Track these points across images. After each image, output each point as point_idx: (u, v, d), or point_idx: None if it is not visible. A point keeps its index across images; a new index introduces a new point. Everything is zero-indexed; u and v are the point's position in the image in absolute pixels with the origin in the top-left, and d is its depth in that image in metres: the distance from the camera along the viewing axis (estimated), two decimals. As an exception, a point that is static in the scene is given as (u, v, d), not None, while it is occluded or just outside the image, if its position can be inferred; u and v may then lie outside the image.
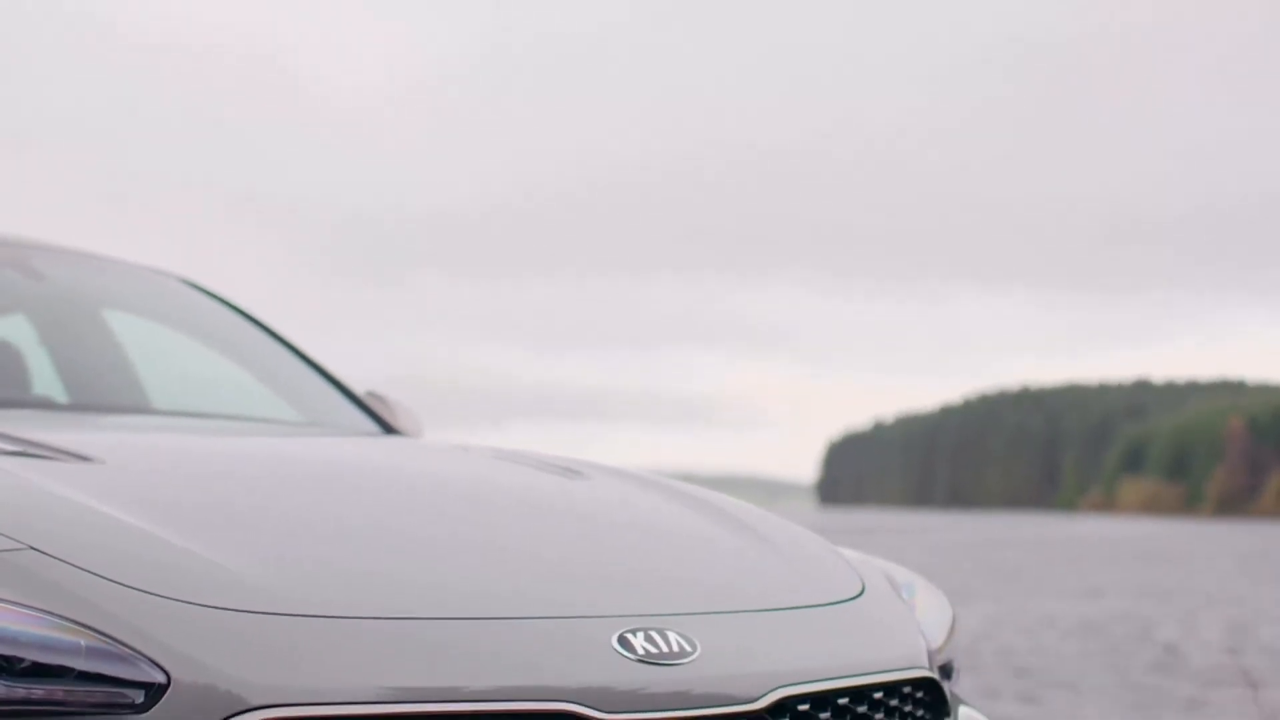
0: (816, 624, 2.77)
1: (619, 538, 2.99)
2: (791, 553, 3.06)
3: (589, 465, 3.53)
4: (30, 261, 4.38)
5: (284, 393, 4.47)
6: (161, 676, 2.10)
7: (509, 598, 2.47)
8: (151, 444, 3.39)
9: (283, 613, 2.23)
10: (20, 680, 2.06)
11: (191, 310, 4.67)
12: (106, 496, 2.51)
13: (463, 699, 2.21)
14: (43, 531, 2.28)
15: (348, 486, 3.05)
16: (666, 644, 2.44)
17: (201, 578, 2.26)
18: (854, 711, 2.65)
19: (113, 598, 2.17)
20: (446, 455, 3.68)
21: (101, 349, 4.45)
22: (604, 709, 2.29)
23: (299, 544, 2.53)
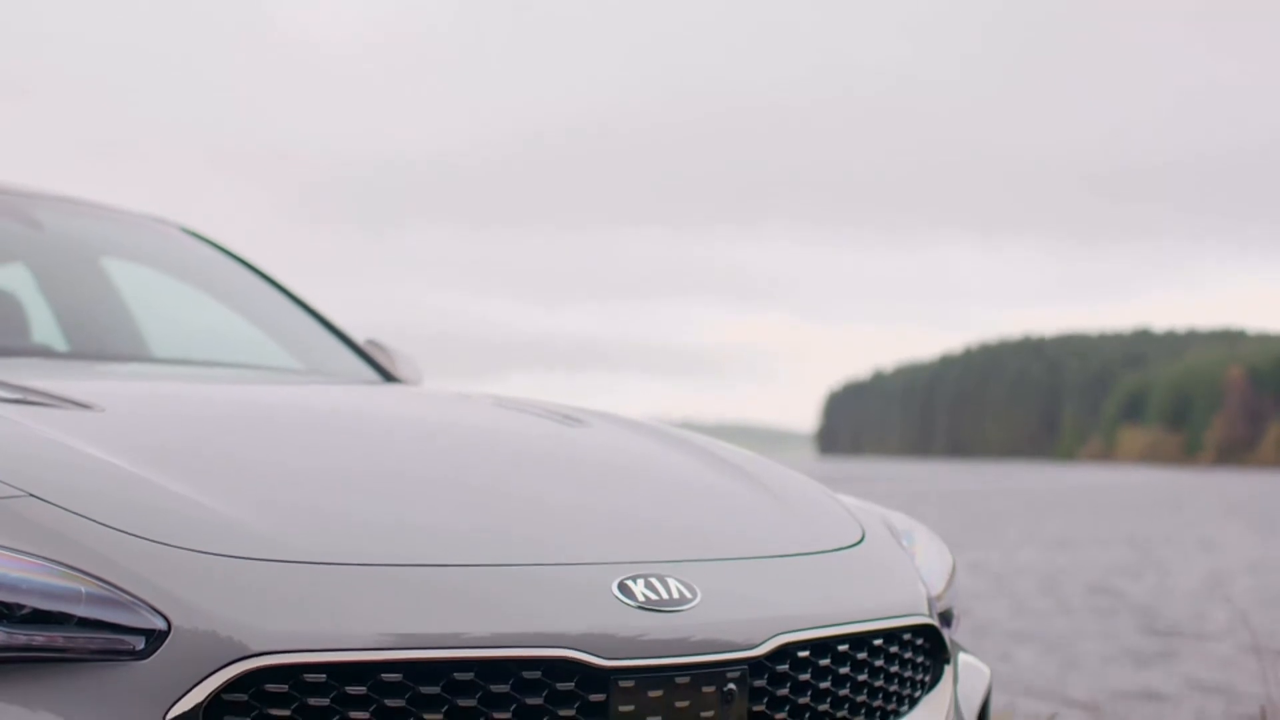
0: (816, 571, 2.77)
1: (619, 485, 2.99)
2: (791, 500, 3.06)
3: (589, 413, 3.53)
4: (29, 210, 4.37)
5: (284, 341, 4.46)
6: (162, 623, 2.10)
7: (509, 544, 2.47)
8: (151, 391, 3.39)
9: (283, 559, 2.23)
10: (20, 627, 2.06)
11: (191, 258, 4.66)
12: (106, 443, 2.51)
13: (463, 645, 2.21)
14: (42, 478, 2.28)
15: (348, 434, 3.05)
16: (667, 591, 2.44)
17: (202, 524, 2.26)
18: (854, 658, 2.65)
19: (112, 544, 2.17)
20: (447, 403, 3.68)
21: (101, 297, 4.44)
22: (604, 655, 2.30)
23: (299, 491, 2.53)
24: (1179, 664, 13.60)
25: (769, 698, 2.50)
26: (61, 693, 2.06)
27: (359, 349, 4.53)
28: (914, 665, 2.81)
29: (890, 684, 2.73)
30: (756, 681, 2.48)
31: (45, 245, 4.42)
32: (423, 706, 2.17)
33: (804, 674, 2.55)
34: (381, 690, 2.16)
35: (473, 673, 2.21)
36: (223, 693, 2.09)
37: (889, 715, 2.72)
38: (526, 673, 2.25)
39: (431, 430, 3.25)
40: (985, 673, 3.16)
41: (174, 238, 4.68)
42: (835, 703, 2.60)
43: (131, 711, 2.06)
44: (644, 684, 2.33)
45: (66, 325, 4.29)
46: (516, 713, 2.23)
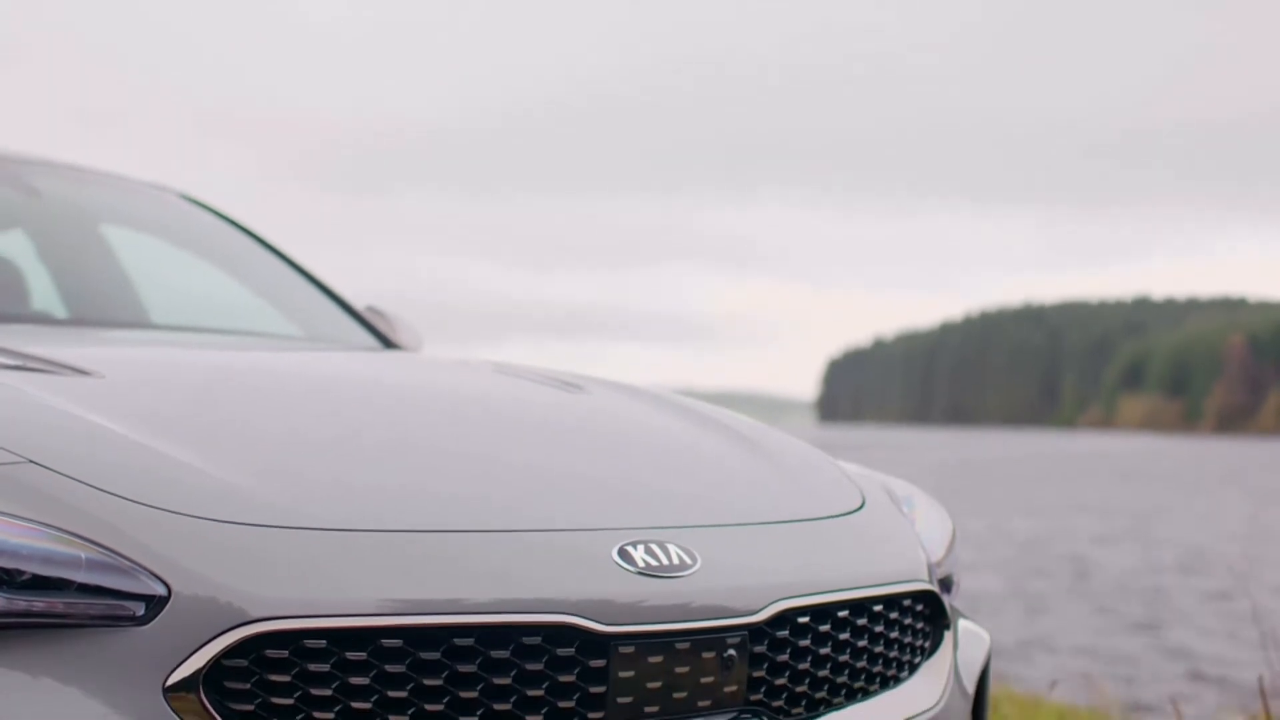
0: (817, 537, 2.77)
1: (619, 451, 2.98)
2: (792, 466, 3.05)
3: (589, 380, 3.53)
4: (28, 177, 4.36)
5: (283, 308, 4.46)
6: (162, 589, 2.10)
7: (509, 510, 2.47)
8: (151, 358, 3.39)
9: (283, 525, 2.23)
10: (20, 593, 2.06)
11: (190, 225, 4.65)
12: (106, 410, 2.50)
13: (463, 611, 2.21)
14: (42, 445, 2.28)
15: (348, 400, 3.04)
16: (666, 556, 2.44)
17: (202, 490, 2.26)
18: (854, 624, 2.66)
19: (113, 510, 2.17)
20: (447, 369, 3.68)
21: (100, 264, 4.44)
22: (604, 621, 2.30)
23: (299, 457, 2.53)
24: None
25: (769, 663, 2.50)
26: (62, 659, 2.06)
27: (359, 316, 4.53)
28: (914, 631, 2.81)
29: (890, 650, 2.73)
30: (756, 647, 2.48)
31: (44, 212, 4.42)
32: (423, 672, 2.18)
33: (804, 640, 2.56)
34: (382, 656, 2.16)
35: (473, 638, 2.21)
36: (223, 658, 2.09)
37: (889, 681, 2.72)
38: (527, 638, 2.25)
39: (432, 397, 3.25)
40: (985, 639, 3.17)
41: (173, 204, 4.67)
42: (835, 668, 2.61)
43: (132, 677, 2.06)
44: (644, 650, 2.34)
45: (66, 292, 4.29)
46: (517, 678, 2.23)
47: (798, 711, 2.54)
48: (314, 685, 2.13)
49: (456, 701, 2.19)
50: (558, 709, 2.27)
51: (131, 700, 2.05)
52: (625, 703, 2.32)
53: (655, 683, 2.35)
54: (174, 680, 2.07)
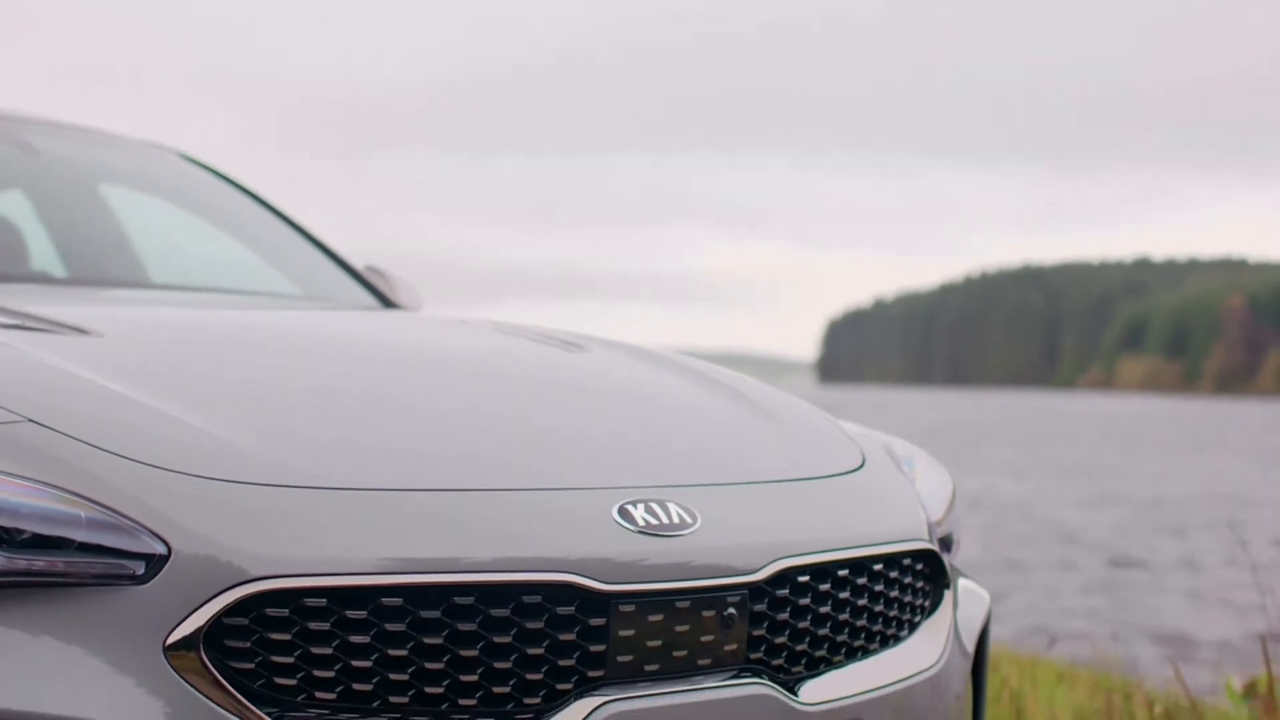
0: (817, 496, 2.77)
1: (619, 410, 2.98)
2: (792, 425, 3.05)
3: (589, 339, 3.52)
4: (26, 136, 4.35)
5: (283, 267, 4.45)
6: (162, 548, 2.10)
7: (509, 469, 2.47)
8: (150, 317, 3.38)
9: (283, 484, 2.23)
10: (20, 552, 2.06)
11: (189, 185, 4.64)
12: (105, 369, 2.50)
13: (463, 570, 2.21)
14: (41, 404, 2.27)
15: (348, 359, 3.04)
16: (666, 515, 2.44)
17: (202, 449, 2.26)
18: (854, 583, 2.66)
19: (112, 469, 2.16)
20: (446, 329, 3.67)
21: (99, 224, 4.43)
22: (604, 580, 2.30)
23: (299, 416, 2.52)
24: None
25: (769, 622, 2.50)
26: (62, 618, 2.06)
27: (358, 275, 4.52)
28: (914, 590, 2.81)
29: (890, 609, 2.74)
30: (756, 606, 2.48)
31: (43, 171, 4.41)
32: (423, 631, 2.18)
33: (804, 599, 2.56)
34: (382, 614, 2.16)
35: (473, 597, 2.21)
36: (223, 617, 2.09)
37: (889, 640, 2.73)
38: (527, 597, 2.25)
39: (431, 356, 3.24)
40: (985, 598, 3.17)
41: (172, 164, 4.66)
42: (835, 627, 2.61)
43: (132, 636, 2.07)
44: (644, 608, 2.34)
45: (64, 251, 4.28)
46: (517, 636, 2.24)
47: (798, 670, 2.55)
48: (314, 644, 2.13)
49: (457, 660, 2.20)
50: (558, 667, 2.27)
51: (132, 659, 2.06)
52: (625, 661, 2.32)
53: (655, 641, 2.35)
54: (174, 639, 2.07)
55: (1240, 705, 5.24)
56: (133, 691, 2.05)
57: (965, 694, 2.92)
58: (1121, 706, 5.44)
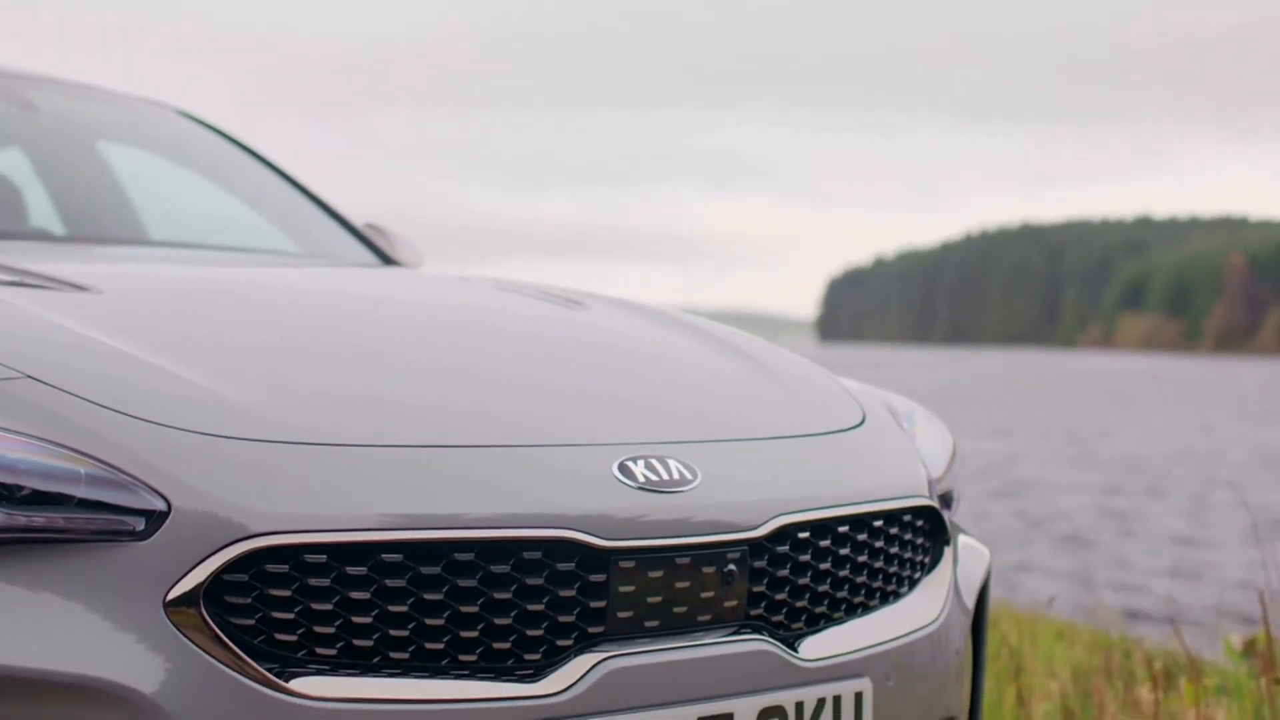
0: (817, 453, 2.77)
1: (620, 366, 2.98)
2: (792, 382, 3.05)
3: (590, 296, 3.52)
4: (25, 93, 4.34)
5: (282, 224, 4.44)
6: (162, 504, 2.10)
7: (510, 426, 2.47)
8: (149, 274, 3.37)
9: (283, 440, 2.23)
10: (20, 508, 2.06)
11: (188, 142, 4.63)
12: (104, 325, 2.49)
13: (464, 526, 2.21)
14: (40, 360, 2.27)
15: (348, 316, 3.03)
16: (667, 472, 2.44)
17: (201, 406, 2.26)
18: (854, 539, 2.66)
19: (112, 425, 2.16)
20: (447, 285, 3.67)
21: (98, 181, 4.42)
22: (604, 536, 2.30)
23: (299, 372, 2.52)
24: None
25: (769, 579, 2.50)
26: (62, 574, 2.06)
27: (358, 232, 4.51)
28: (914, 547, 2.81)
29: (890, 565, 2.74)
30: (756, 562, 2.48)
31: (41, 129, 4.39)
32: (423, 587, 2.18)
33: (804, 555, 2.56)
34: (382, 570, 2.16)
35: (473, 553, 2.21)
36: (223, 573, 2.09)
37: (889, 596, 2.73)
38: (527, 553, 2.25)
39: (432, 312, 3.24)
40: (985, 555, 3.17)
41: (170, 121, 4.64)
42: (835, 583, 2.61)
43: (132, 592, 2.07)
44: (644, 565, 2.34)
45: (63, 209, 4.27)
46: (517, 593, 2.24)
47: (797, 626, 2.55)
48: (314, 600, 2.13)
49: (457, 616, 2.20)
50: (558, 623, 2.27)
51: (132, 615, 2.06)
52: (625, 617, 2.33)
53: (655, 597, 2.35)
54: (175, 595, 2.07)
55: (1240, 662, 5.26)
56: (133, 647, 2.05)
57: (965, 650, 2.93)
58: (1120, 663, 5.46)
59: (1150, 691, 4.56)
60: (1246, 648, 5.26)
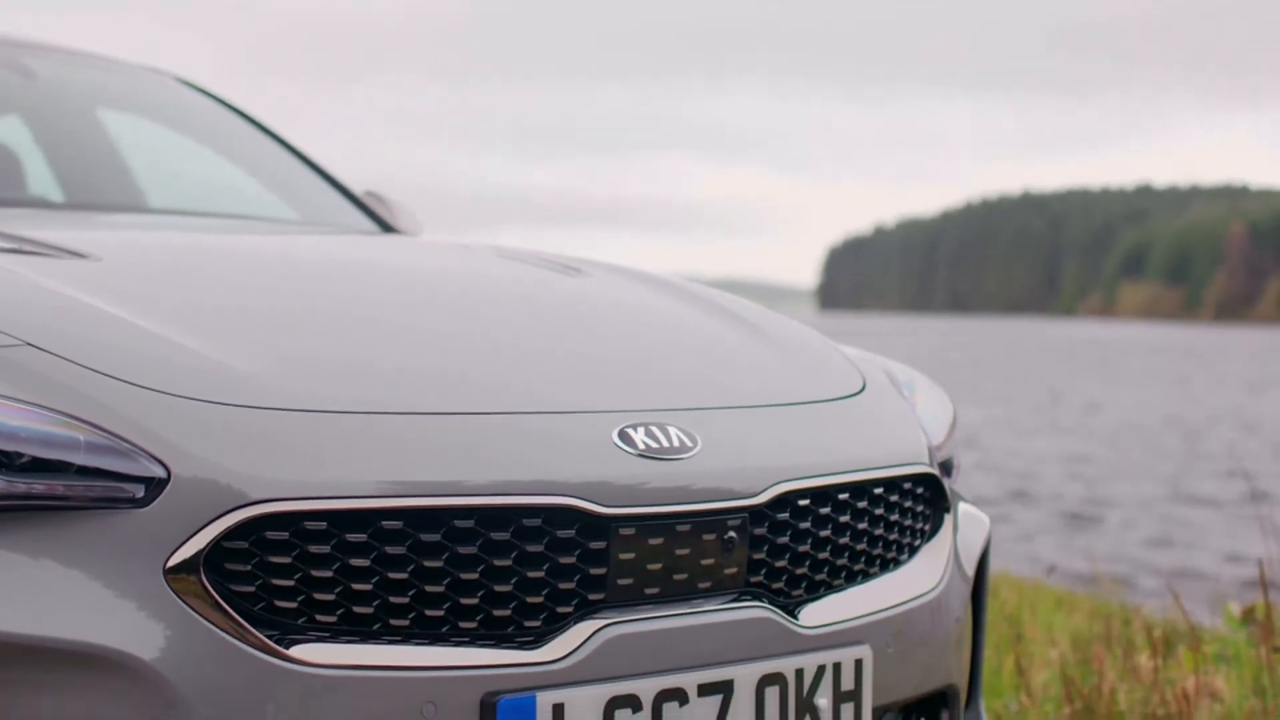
0: (818, 420, 2.77)
1: (620, 334, 2.97)
2: (793, 349, 3.04)
3: (590, 263, 3.51)
4: (23, 60, 4.32)
5: (282, 192, 4.43)
6: (161, 471, 2.10)
7: (510, 393, 2.46)
8: (149, 242, 3.37)
9: (283, 407, 2.22)
10: (19, 475, 2.06)
11: (187, 109, 4.62)
12: (103, 293, 2.49)
13: (464, 493, 2.21)
14: (39, 327, 2.27)
15: (347, 283, 3.03)
16: (667, 439, 2.43)
17: (201, 373, 2.25)
18: (854, 506, 2.66)
19: (111, 393, 2.16)
20: (447, 253, 3.66)
21: (96, 148, 4.41)
22: (604, 503, 2.30)
23: (299, 340, 2.51)
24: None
25: (769, 546, 2.50)
26: (62, 541, 2.06)
27: (357, 200, 4.50)
28: (914, 514, 2.81)
29: (890, 532, 2.74)
30: (757, 530, 2.48)
31: (40, 96, 4.38)
32: (423, 553, 2.18)
33: (804, 522, 2.56)
34: (382, 538, 2.16)
35: (473, 520, 2.21)
36: (223, 540, 2.09)
37: (889, 564, 2.73)
38: (527, 520, 2.25)
39: (432, 280, 3.23)
40: (985, 522, 3.17)
41: (169, 88, 4.63)
42: (835, 551, 2.61)
43: (132, 559, 2.07)
44: (644, 532, 2.34)
45: (62, 176, 4.26)
46: (517, 560, 2.24)
47: (798, 593, 2.55)
48: (314, 567, 2.13)
49: (457, 583, 2.20)
50: (558, 590, 2.27)
51: (132, 582, 2.06)
52: (625, 584, 2.33)
53: (655, 565, 2.35)
54: (174, 562, 2.07)
55: (1239, 630, 5.26)
56: (133, 615, 2.05)
57: (965, 617, 2.93)
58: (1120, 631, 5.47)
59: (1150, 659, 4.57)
60: (1246, 615, 5.27)
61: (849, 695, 2.53)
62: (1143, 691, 4.39)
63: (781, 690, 2.44)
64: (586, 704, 2.24)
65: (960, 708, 2.94)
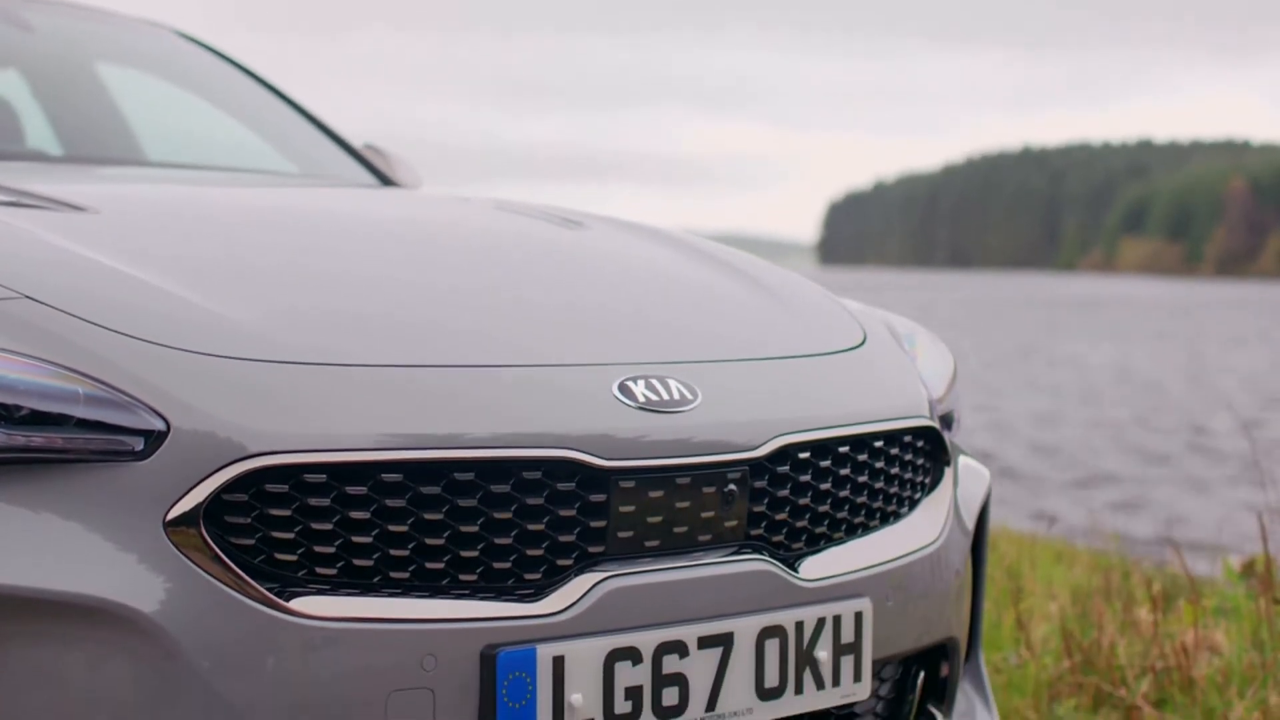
0: (818, 373, 2.76)
1: (620, 286, 2.97)
2: (793, 302, 3.04)
3: (590, 216, 3.50)
4: (21, 13, 4.31)
5: (280, 145, 4.42)
6: (161, 424, 2.09)
7: (510, 345, 2.46)
8: (147, 195, 3.36)
9: (282, 360, 2.22)
10: (19, 428, 2.06)
11: (186, 62, 4.60)
12: (102, 246, 2.48)
13: (464, 445, 2.21)
14: (38, 280, 2.26)
15: (346, 236, 3.02)
16: (667, 391, 2.43)
17: (200, 326, 2.25)
18: (855, 460, 2.65)
19: (110, 345, 2.15)
20: (446, 206, 3.65)
21: (95, 101, 4.40)
22: (604, 456, 2.30)
23: (298, 292, 2.51)
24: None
25: (769, 499, 2.50)
26: (62, 494, 2.06)
27: (357, 153, 4.49)
28: (914, 467, 2.81)
29: (890, 485, 2.73)
30: (757, 482, 2.48)
31: (38, 49, 4.37)
32: (423, 506, 2.18)
33: (804, 475, 2.55)
34: (382, 490, 2.16)
35: (473, 473, 2.21)
36: (223, 493, 2.09)
37: (889, 517, 2.73)
38: (527, 473, 2.25)
39: (431, 233, 3.22)
40: (985, 476, 3.17)
41: (168, 41, 4.61)
42: (835, 504, 2.61)
43: (132, 512, 2.07)
44: (644, 484, 2.34)
45: (60, 130, 4.25)
46: (517, 512, 2.24)
47: (797, 546, 2.55)
48: (314, 519, 2.13)
49: (457, 536, 2.20)
50: (558, 543, 2.27)
51: (132, 534, 2.06)
52: (625, 537, 2.33)
53: (656, 517, 2.35)
54: (174, 515, 2.07)
55: (1238, 584, 5.27)
56: (133, 567, 2.05)
57: (965, 571, 2.93)
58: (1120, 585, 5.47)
59: (1149, 612, 4.58)
60: (1245, 569, 5.28)
61: (849, 648, 2.53)
62: (1142, 645, 4.40)
63: (781, 643, 2.44)
64: (586, 656, 2.25)
65: (960, 660, 2.94)
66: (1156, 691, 4.16)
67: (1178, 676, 4.14)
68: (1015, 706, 4.14)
